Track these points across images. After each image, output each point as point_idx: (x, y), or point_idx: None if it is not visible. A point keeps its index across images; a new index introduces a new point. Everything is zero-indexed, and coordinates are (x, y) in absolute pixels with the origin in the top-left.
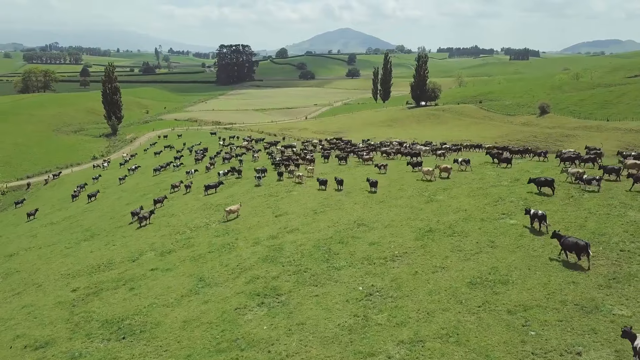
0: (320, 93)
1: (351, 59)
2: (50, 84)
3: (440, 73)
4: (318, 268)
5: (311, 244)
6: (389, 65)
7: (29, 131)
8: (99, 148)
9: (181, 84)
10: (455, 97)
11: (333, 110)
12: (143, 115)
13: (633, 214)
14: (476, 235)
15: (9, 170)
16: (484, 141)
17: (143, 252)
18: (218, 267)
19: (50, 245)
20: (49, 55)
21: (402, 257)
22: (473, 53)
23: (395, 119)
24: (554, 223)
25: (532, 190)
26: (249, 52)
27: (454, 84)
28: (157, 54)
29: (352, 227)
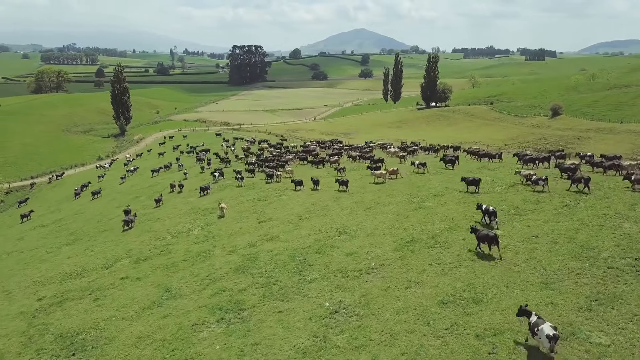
0: (331, 94)
1: (364, 60)
2: (63, 84)
3: (454, 74)
4: (289, 281)
5: (287, 254)
6: (399, 66)
7: (39, 131)
8: (106, 148)
9: (194, 85)
10: (466, 98)
11: (342, 111)
12: (153, 116)
13: (628, 225)
14: (458, 247)
15: (14, 171)
16: (493, 143)
17: (119, 258)
18: (188, 277)
19: (32, 250)
20: (66, 56)
21: (378, 269)
22: (488, 53)
23: (404, 120)
24: (543, 234)
25: (526, 199)
26: (261, 52)
27: (467, 85)
28: (172, 54)
29: (333, 235)
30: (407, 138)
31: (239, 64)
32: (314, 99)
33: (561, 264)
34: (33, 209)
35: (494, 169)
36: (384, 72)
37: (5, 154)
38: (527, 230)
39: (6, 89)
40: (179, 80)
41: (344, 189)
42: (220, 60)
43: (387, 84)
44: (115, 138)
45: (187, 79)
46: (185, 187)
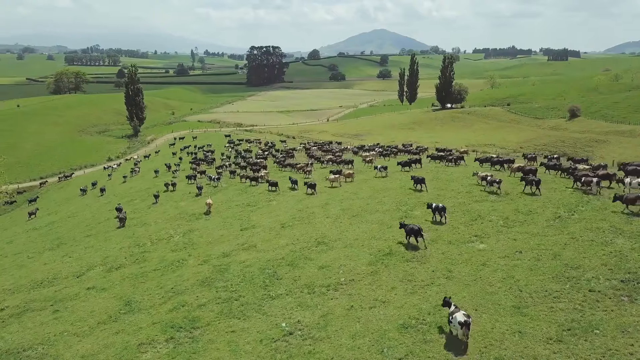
0: (348, 95)
1: (383, 60)
2: (81, 85)
3: (474, 74)
4: (252, 296)
5: (258, 266)
6: (415, 67)
7: (55, 132)
8: (117, 149)
9: (212, 85)
10: (483, 99)
11: (357, 112)
12: (168, 117)
13: (621, 241)
14: (435, 262)
15: (25, 171)
16: (508, 145)
17: (93, 266)
18: (153, 289)
19: (15, 254)
20: (89, 57)
21: (347, 285)
22: (510, 54)
23: (418, 122)
24: (528, 249)
25: (518, 209)
26: (279, 53)
27: (486, 86)
28: (192, 55)
29: (311, 245)
30: (419, 140)
31: (256, 65)
32: (330, 100)
33: (539, 285)
34: (39, 208)
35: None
36: (400, 72)
37: (19, 155)
38: (511, 244)
39: (28, 89)
40: (197, 81)
41: (311, 192)
42: (239, 61)
43: (403, 85)
44: (129, 139)
45: (206, 79)
46: (184, 190)
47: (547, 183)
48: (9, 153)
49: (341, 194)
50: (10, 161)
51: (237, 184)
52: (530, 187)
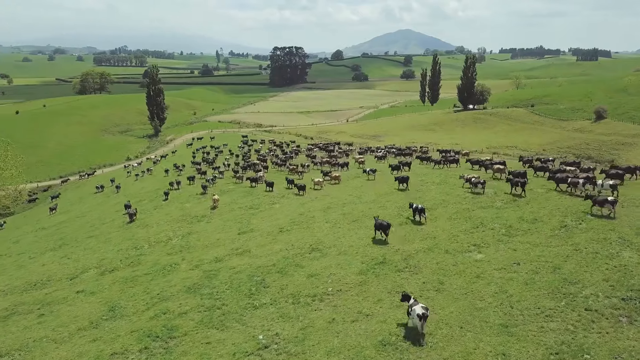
0: (370, 95)
1: (407, 61)
2: (106, 85)
3: (499, 75)
4: (236, 305)
5: (248, 273)
6: (437, 67)
7: (78, 131)
8: (137, 149)
9: (235, 86)
10: (507, 100)
11: (377, 113)
12: (190, 117)
13: (628, 255)
14: (428, 272)
15: (46, 170)
16: (530, 148)
17: (88, 268)
18: (140, 294)
19: (18, 254)
20: (117, 58)
21: (333, 296)
22: (538, 54)
23: (438, 123)
24: (527, 261)
25: (523, 217)
26: (302, 53)
27: (511, 86)
28: (217, 56)
29: (305, 252)
30: (439, 141)
31: (279, 66)
32: (351, 101)
33: (533, 301)
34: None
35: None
36: (422, 73)
37: (41, 154)
38: (510, 255)
39: (55, 90)
40: (221, 82)
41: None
42: (263, 62)
43: (425, 86)
44: (149, 138)
45: (230, 80)
46: (191, 191)
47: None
48: (32, 152)
49: (344, 198)
50: (31, 160)
51: (244, 186)
52: (515, 189)
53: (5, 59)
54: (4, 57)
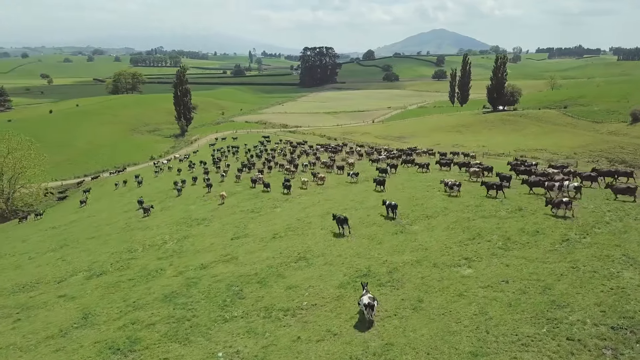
0: (399, 96)
1: (440, 61)
2: (138, 85)
3: (534, 75)
4: (206, 317)
5: (228, 281)
6: (467, 67)
7: (108, 131)
8: (162, 148)
9: (266, 86)
10: (539, 101)
11: (404, 113)
12: (218, 117)
13: (629, 275)
14: (410, 288)
15: (71, 169)
16: (560, 151)
17: (78, 271)
18: (117, 302)
19: (21, 254)
20: (153, 59)
21: (307, 311)
22: (576, 53)
23: (466, 124)
24: (518, 279)
25: (524, 228)
26: (332, 54)
27: (546, 87)
28: (250, 56)
29: (291, 260)
30: (465, 143)
31: (309, 66)
32: (380, 101)
33: (512, 327)
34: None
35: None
36: (451, 73)
37: (70, 153)
38: (501, 271)
39: (91, 90)
40: (252, 82)
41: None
42: (295, 62)
43: (454, 86)
44: (175, 138)
45: (260, 80)
46: (198, 192)
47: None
48: (60, 151)
49: (347, 203)
50: (59, 159)
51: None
52: (489, 192)
53: (47, 60)
54: (46, 57)
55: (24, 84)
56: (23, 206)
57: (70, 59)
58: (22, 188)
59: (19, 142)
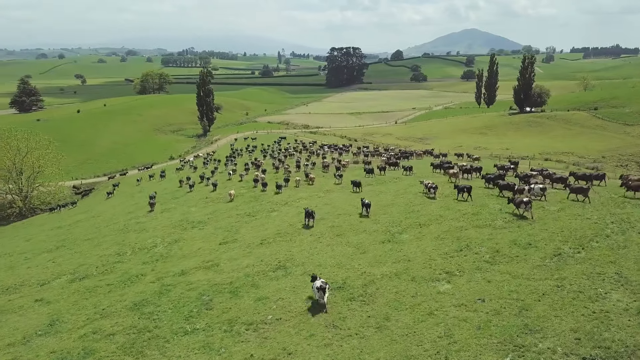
0: (425, 96)
1: (469, 61)
2: (165, 85)
3: (567, 75)
4: (168, 329)
5: (201, 290)
6: (495, 67)
7: (132, 130)
8: (183, 148)
9: (293, 87)
10: (569, 102)
11: (429, 114)
12: (242, 117)
13: (616, 297)
14: (380, 304)
15: (92, 168)
16: (588, 154)
17: (62, 274)
18: (88, 308)
19: (19, 254)
20: (184, 59)
21: (270, 325)
22: (613, 53)
23: (490, 126)
24: (496, 297)
25: (516, 240)
26: (359, 54)
27: (578, 88)
28: (279, 57)
29: (269, 269)
30: (489, 145)
31: (336, 66)
32: (405, 102)
33: (474, 353)
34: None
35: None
36: (478, 74)
37: (93, 152)
38: (480, 288)
39: (121, 90)
40: (279, 83)
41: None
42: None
43: (481, 87)
44: (197, 138)
45: (287, 81)
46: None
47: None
48: (84, 150)
49: (344, 207)
50: (82, 157)
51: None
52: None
53: (83, 61)
54: (82, 58)
55: (59, 84)
56: (40, 204)
57: (105, 60)
58: (40, 186)
59: (37, 142)
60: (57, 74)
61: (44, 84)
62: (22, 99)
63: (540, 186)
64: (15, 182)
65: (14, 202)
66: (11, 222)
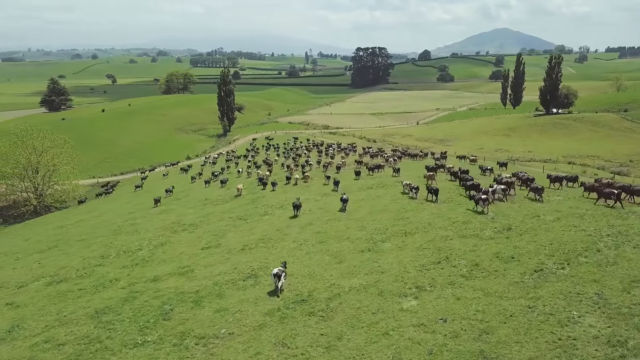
0: (450, 96)
1: (499, 61)
2: (189, 85)
3: (599, 75)
4: (119, 340)
5: (165, 298)
6: (521, 67)
7: (154, 130)
8: (202, 148)
9: (316, 87)
10: (599, 103)
11: (452, 115)
12: (264, 117)
13: (589, 321)
14: (338, 321)
15: (110, 167)
16: (615, 158)
17: (42, 277)
18: (52, 314)
19: (12, 254)
20: (212, 60)
21: (221, 340)
22: None
23: (514, 128)
24: (460, 317)
25: (499, 253)
26: (385, 54)
27: (611, 88)
28: (306, 57)
29: (241, 278)
30: (511, 148)
31: (361, 66)
32: (430, 102)
33: None
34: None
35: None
36: (503, 74)
37: (113, 150)
38: (447, 306)
39: (148, 89)
40: (304, 83)
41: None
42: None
43: (506, 87)
44: (217, 138)
45: (313, 81)
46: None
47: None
48: (105, 148)
49: (334, 213)
50: (102, 156)
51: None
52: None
53: (115, 61)
54: (114, 59)
55: (90, 83)
56: (54, 203)
57: (136, 60)
58: (55, 185)
59: (52, 141)
60: (89, 73)
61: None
62: (52, 98)
63: (501, 187)
64: (31, 181)
65: (29, 200)
66: (26, 220)
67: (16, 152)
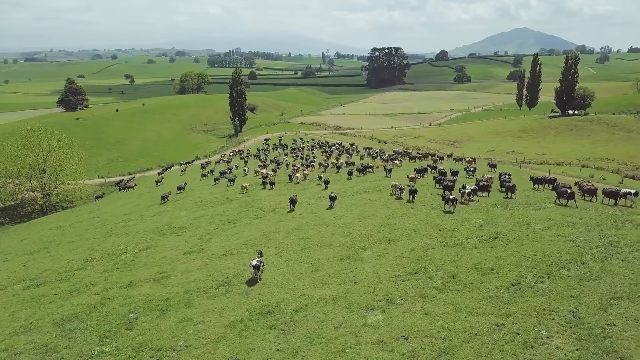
0: (466, 97)
1: (517, 61)
2: (203, 85)
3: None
4: (77, 351)
5: (131, 307)
6: (537, 68)
7: (166, 129)
8: (212, 148)
9: (331, 87)
10: (617, 105)
11: (465, 116)
12: (276, 118)
13: (558, 343)
14: (297, 336)
15: (119, 166)
16: (631, 162)
17: (24, 280)
18: (18, 320)
19: (5, 254)
20: (229, 60)
21: (177, 352)
22: None
23: (528, 129)
24: (425, 335)
25: (479, 264)
26: (401, 54)
27: (632, 89)
28: (323, 57)
29: (214, 285)
30: (524, 150)
31: (377, 67)
32: (444, 102)
33: None
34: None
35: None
36: (519, 75)
37: (124, 150)
38: (413, 321)
39: (163, 89)
40: (320, 83)
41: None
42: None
43: (522, 88)
44: (229, 138)
45: (329, 81)
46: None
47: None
48: (116, 148)
49: (324, 217)
50: (111, 156)
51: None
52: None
53: (134, 61)
54: (133, 59)
55: (108, 83)
56: (60, 202)
57: (154, 60)
58: (62, 184)
59: (59, 141)
60: (108, 74)
61: (95, 84)
62: (69, 98)
63: (471, 188)
64: (38, 180)
65: (35, 200)
66: (32, 219)
67: (23, 151)
